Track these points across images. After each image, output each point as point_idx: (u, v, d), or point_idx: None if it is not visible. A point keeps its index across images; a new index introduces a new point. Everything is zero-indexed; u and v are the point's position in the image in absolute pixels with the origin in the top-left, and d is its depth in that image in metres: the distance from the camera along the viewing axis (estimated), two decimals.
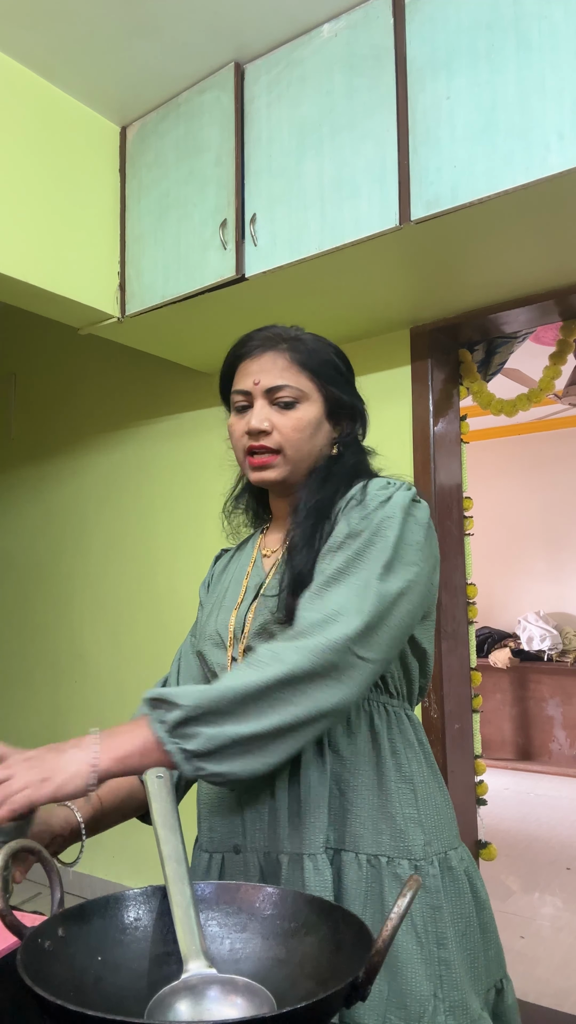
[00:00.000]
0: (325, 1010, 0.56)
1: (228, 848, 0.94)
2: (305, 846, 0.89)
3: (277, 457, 0.98)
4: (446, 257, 1.92)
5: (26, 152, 2.08)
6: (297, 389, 0.98)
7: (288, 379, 0.98)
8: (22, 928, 0.64)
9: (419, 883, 0.61)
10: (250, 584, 1.04)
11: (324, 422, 1.01)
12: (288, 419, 0.97)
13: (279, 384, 0.98)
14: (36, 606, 3.39)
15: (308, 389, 0.99)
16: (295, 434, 0.97)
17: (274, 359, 0.99)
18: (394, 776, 0.92)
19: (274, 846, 0.91)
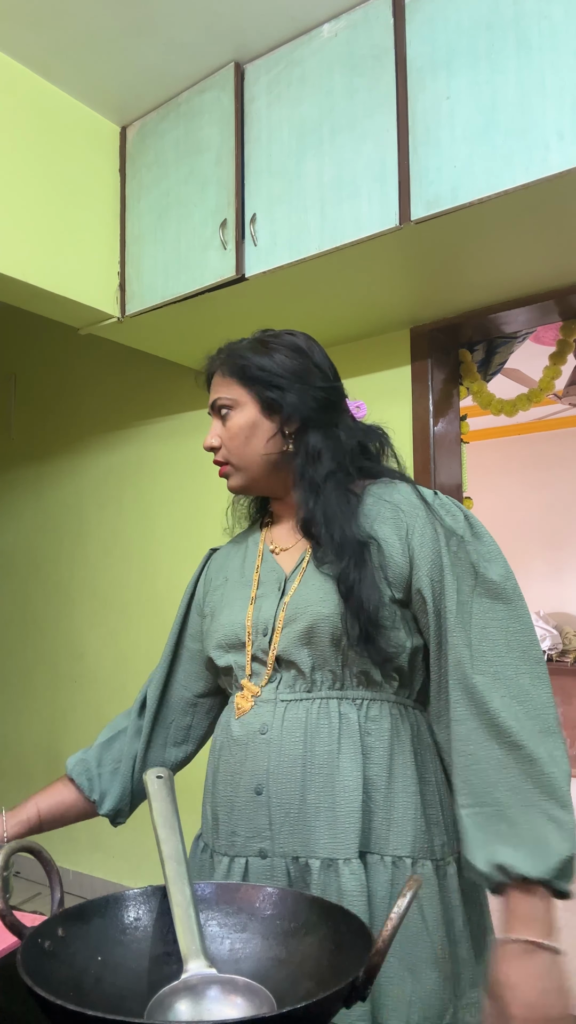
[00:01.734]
0: (325, 1010, 0.56)
1: (253, 852, 0.92)
2: (339, 851, 0.87)
3: (228, 467, 1.03)
4: (446, 257, 1.92)
5: (26, 152, 2.08)
6: (229, 399, 1.02)
7: (223, 392, 1.03)
8: (22, 928, 0.64)
9: (419, 883, 0.61)
10: (265, 578, 1.02)
11: (263, 422, 1.01)
12: (225, 430, 1.02)
13: (215, 399, 1.03)
14: (36, 606, 3.40)
15: (238, 395, 1.02)
16: (230, 442, 1.02)
17: (217, 378, 1.05)
18: (416, 778, 0.92)
19: (305, 850, 0.89)
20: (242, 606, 1.01)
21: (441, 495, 0.99)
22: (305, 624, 0.93)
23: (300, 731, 0.91)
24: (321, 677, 0.93)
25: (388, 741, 0.92)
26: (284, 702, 0.94)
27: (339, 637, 0.91)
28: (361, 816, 0.88)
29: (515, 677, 0.86)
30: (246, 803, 0.93)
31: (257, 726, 0.94)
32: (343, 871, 0.86)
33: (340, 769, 0.90)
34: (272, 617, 0.97)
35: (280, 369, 1.02)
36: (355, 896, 0.85)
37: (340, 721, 0.91)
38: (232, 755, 0.96)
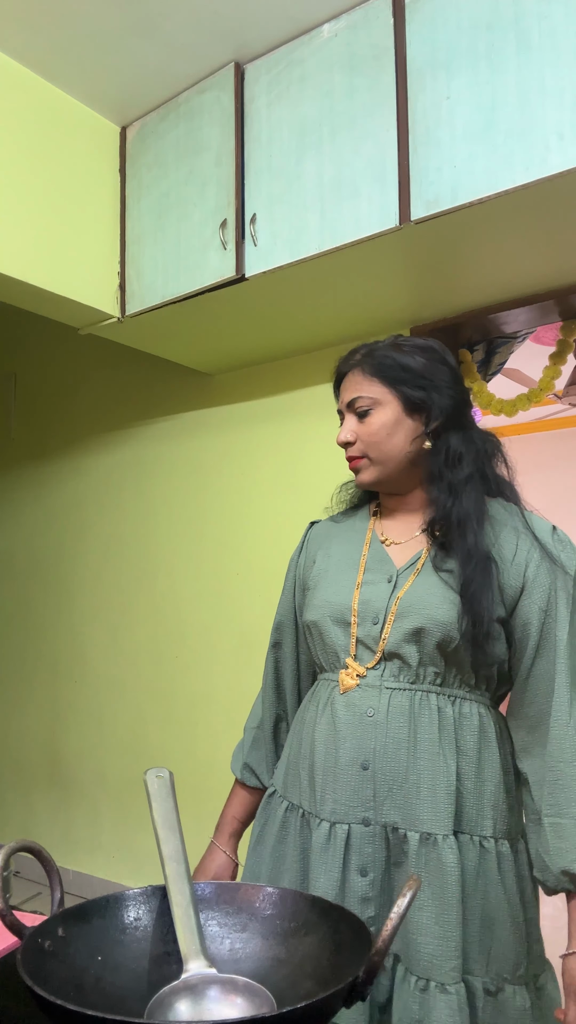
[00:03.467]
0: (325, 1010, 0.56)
1: (356, 820, 1.01)
2: (438, 826, 0.97)
3: (363, 460, 1.09)
4: (446, 257, 1.92)
5: (26, 152, 2.08)
6: (369, 398, 1.07)
7: (362, 391, 1.08)
8: (22, 928, 0.64)
9: (419, 883, 0.62)
10: (372, 566, 1.09)
11: (404, 420, 1.07)
12: (365, 426, 1.08)
13: (354, 397, 1.08)
14: (36, 606, 3.40)
15: (380, 395, 1.07)
16: (371, 438, 1.07)
17: (353, 375, 1.10)
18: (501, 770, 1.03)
19: (405, 823, 0.99)
20: (349, 588, 1.08)
21: (560, 531, 1.06)
22: (417, 624, 1.00)
23: (405, 717, 1.00)
24: (424, 672, 1.02)
25: (477, 736, 1.02)
26: (389, 689, 1.02)
27: (448, 641, 0.99)
28: (455, 798, 0.98)
29: None
30: (352, 776, 1.02)
31: (364, 708, 1.02)
32: (442, 845, 0.96)
33: (440, 755, 0.99)
34: (384, 608, 1.04)
35: (424, 370, 1.08)
36: (453, 868, 0.95)
37: (439, 714, 1.01)
38: (335, 730, 1.04)
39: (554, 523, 1.11)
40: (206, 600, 2.79)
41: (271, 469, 2.69)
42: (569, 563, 1.02)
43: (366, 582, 1.07)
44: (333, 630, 1.07)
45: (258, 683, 1.30)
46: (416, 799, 0.98)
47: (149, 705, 2.96)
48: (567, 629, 0.98)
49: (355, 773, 1.01)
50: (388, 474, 1.09)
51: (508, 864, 1.00)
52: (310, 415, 2.63)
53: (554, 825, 0.95)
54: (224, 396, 2.84)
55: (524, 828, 1.04)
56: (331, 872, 1.00)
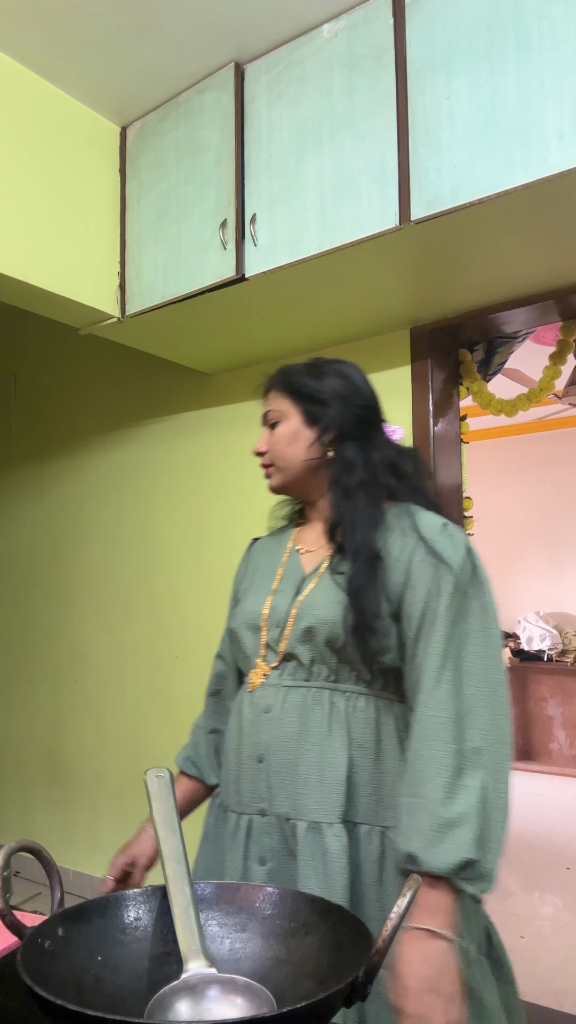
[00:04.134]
0: (325, 1010, 0.56)
1: (255, 811, 1.07)
2: (324, 816, 1.01)
3: (271, 468, 1.20)
4: (446, 257, 1.92)
5: (26, 152, 2.08)
6: (278, 411, 1.19)
7: (272, 405, 1.19)
8: (22, 928, 0.64)
9: (419, 883, 0.62)
10: (286, 574, 1.17)
11: (303, 431, 1.16)
12: (272, 436, 1.19)
13: (266, 411, 1.20)
14: (36, 606, 3.39)
15: (286, 409, 1.18)
16: (275, 447, 1.18)
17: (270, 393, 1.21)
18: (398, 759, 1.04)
19: (295, 813, 1.04)
20: (263, 597, 1.16)
21: (451, 526, 1.09)
22: (306, 624, 1.07)
23: (297, 713, 1.07)
24: (318, 670, 1.07)
25: (373, 729, 1.05)
26: (286, 687, 1.09)
27: (335, 638, 1.05)
28: (346, 789, 1.02)
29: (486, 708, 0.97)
30: (250, 769, 1.09)
31: (263, 706, 1.09)
32: (327, 834, 1.01)
33: (329, 748, 1.04)
34: (286, 613, 1.11)
35: (324, 387, 1.17)
36: (338, 856, 0.99)
37: (330, 708, 1.06)
38: (241, 728, 1.12)
39: (553, 523, 1.12)
40: (206, 600, 2.79)
41: None
42: (454, 557, 1.03)
43: (278, 590, 1.15)
44: (247, 636, 1.15)
45: None
46: (305, 790, 1.03)
47: (149, 705, 2.96)
48: (446, 621, 1.00)
49: (253, 766, 1.08)
50: (291, 480, 1.18)
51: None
52: None
53: (407, 804, 0.94)
54: (224, 396, 2.84)
55: None
56: (235, 861, 1.07)
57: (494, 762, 0.95)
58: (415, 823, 0.92)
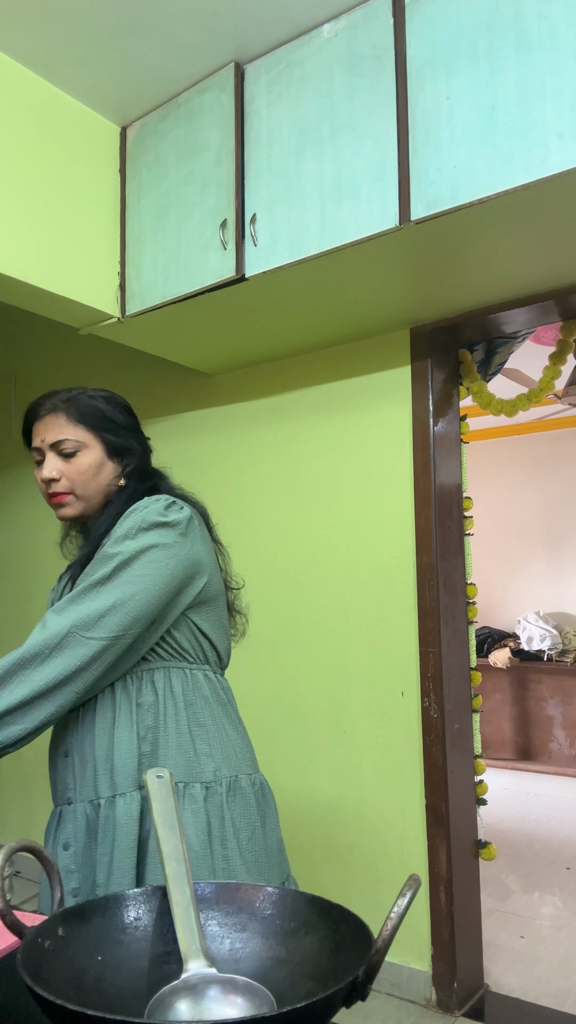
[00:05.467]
0: (325, 1010, 0.56)
1: (64, 801, 1.17)
2: (119, 789, 1.13)
3: (69, 496, 1.23)
4: (446, 257, 1.92)
5: (26, 152, 2.08)
6: (76, 441, 1.22)
7: (67, 433, 1.22)
8: (22, 928, 0.64)
9: (419, 883, 0.62)
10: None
11: (107, 462, 1.24)
12: (72, 466, 1.22)
13: (60, 439, 1.22)
14: (36, 606, 3.39)
15: (85, 439, 1.23)
16: (79, 477, 1.22)
17: (55, 419, 1.23)
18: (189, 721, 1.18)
19: (95, 794, 1.14)
20: None
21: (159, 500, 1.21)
22: None
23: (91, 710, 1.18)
24: None
25: (159, 700, 1.17)
26: None
27: None
28: (138, 757, 1.14)
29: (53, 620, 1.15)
30: (60, 764, 1.19)
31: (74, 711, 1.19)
32: (118, 803, 1.12)
33: (116, 731, 1.15)
34: None
35: (120, 420, 1.28)
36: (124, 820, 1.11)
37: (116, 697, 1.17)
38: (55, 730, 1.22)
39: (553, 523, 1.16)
40: None
41: (271, 469, 2.69)
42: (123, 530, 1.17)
43: None
44: None
45: (258, 682, 1.32)
46: (102, 772, 1.14)
47: None
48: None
49: (61, 761, 1.19)
50: (91, 509, 1.25)
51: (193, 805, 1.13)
52: (310, 415, 2.63)
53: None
54: (224, 396, 2.84)
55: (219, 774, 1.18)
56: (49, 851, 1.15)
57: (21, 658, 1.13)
58: None
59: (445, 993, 2.23)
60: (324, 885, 2.44)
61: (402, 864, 2.31)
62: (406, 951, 2.30)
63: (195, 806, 1.13)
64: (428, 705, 2.28)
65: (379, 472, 2.46)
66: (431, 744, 2.27)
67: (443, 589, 2.33)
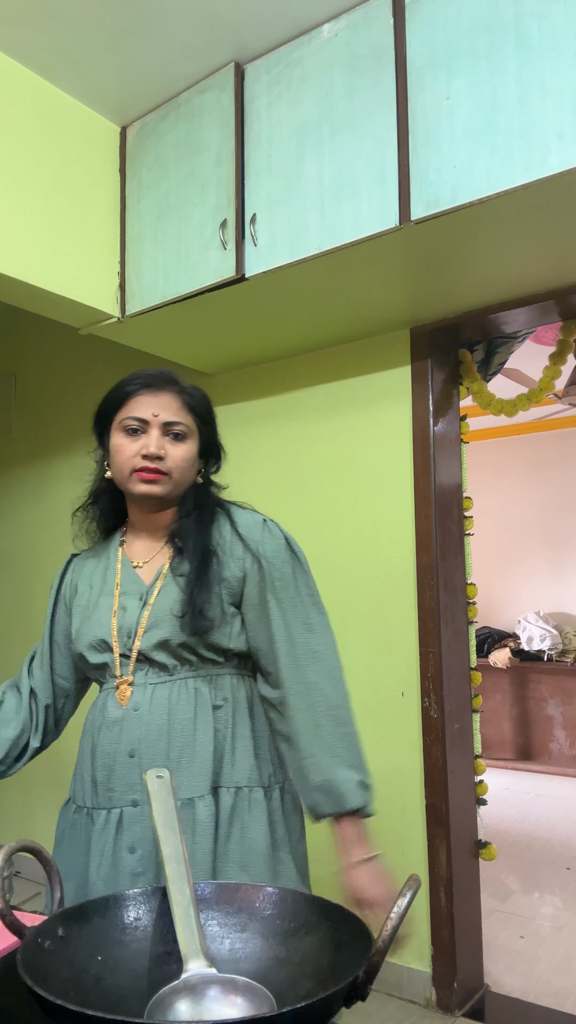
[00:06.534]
0: (325, 1010, 0.56)
1: (127, 803, 1.15)
2: (195, 790, 1.13)
3: (164, 476, 1.21)
4: (446, 257, 1.92)
5: (26, 152, 2.08)
6: (187, 426, 1.23)
7: (181, 418, 1.22)
8: (22, 928, 0.64)
9: (419, 883, 0.62)
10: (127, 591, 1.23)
11: (196, 457, 1.25)
12: (179, 449, 1.22)
13: (176, 420, 1.22)
14: (36, 606, 3.39)
15: (192, 428, 1.24)
16: (183, 462, 1.22)
17: (173, 399, 1.22)
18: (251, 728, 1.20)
19: None
20: (107, 614, 1.22)
21: (269, 521, 1.25)
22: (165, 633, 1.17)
23: (164, 707, 1.16)
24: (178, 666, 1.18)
25: (232, 703, 1.20)
26: (152, 685, 1.18)
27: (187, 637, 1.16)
28: (212, 763, 1.15)
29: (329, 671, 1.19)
30: (121, 765, 1.16)
31: (132, 706, 1.18)
32: (198, 805, 1.12)
33: (197, 731, 1.15)
34: (135, 623, 1.19)
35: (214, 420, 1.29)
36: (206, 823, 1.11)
37: (196, 695, 1.17)
38: (111, 731, 1.18)
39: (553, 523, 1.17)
40: None
41: (270, 469, 2.69)
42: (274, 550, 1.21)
43: (121, 606, 1.22)
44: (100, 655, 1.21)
45: None
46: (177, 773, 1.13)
47: None
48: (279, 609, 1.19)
49: (124, 761, 1.16)
50: (174, 496, 1.24)
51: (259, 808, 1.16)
52: (310, 415, 2.63)
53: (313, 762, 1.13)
54: (224, 396, 2.84)
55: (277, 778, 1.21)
56: (104, 853, 1.13)
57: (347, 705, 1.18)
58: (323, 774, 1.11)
59: (445, 993, 2.23)
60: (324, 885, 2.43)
61: (402, 864, 2.31)
62: (406, 951, 2.29)
63: (259, 810, 1.16)
64: (428, 705, 2.28)
65: (379, 472, 2.46)
66: (431, 744, 2.27)
67: (443, 589, 2.33)
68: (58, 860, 1.21)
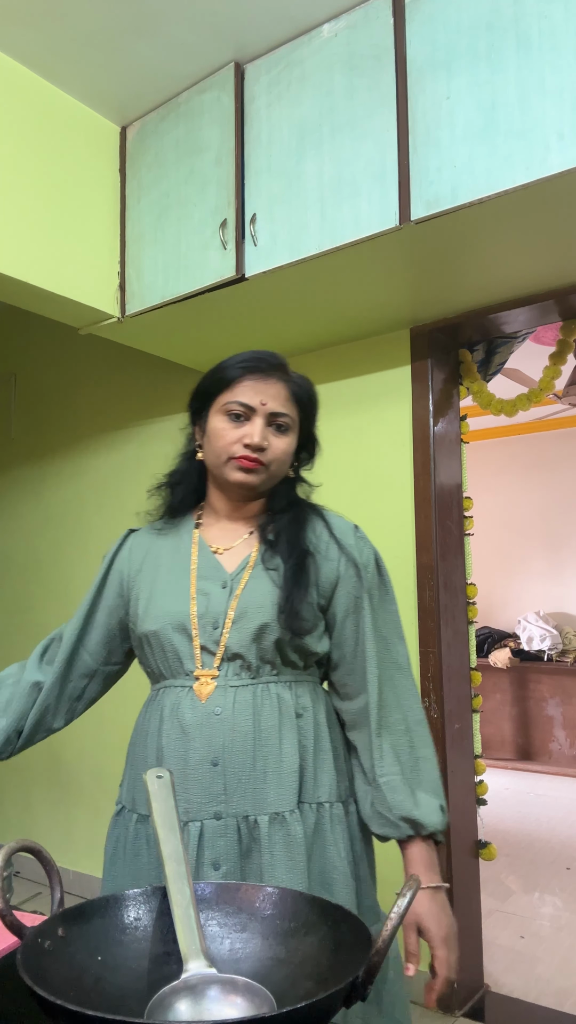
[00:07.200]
0: (325, 1010, 0.56)
1: (208, 816, 1.06)
2: (284, 804, 1.07)
3: (262, 467, 1.14)
4: (446, 257, 1.92)
5: (26, 152, 2.08)
6: (291, 419, 1.16)
7: (288, 409, 1.15)
8: (22, 928, 0.64)
9: (419, 883, 0.62)
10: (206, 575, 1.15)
11: (292, 451, 1.19)
12: (281, 442, 1.15)
13: (283, 412, 1.15)
14: (36, 606, 3.39)
15: (295, 420, 1.17)
16: (283, 456, 1.16)
17: (282, 389, 1.16)
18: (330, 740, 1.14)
19: (255, 809, 1.06)
20: (183, 597, 1.13)
21: (359, 530, 1.21)
22: (257, 624, 1.09)
23: (249, 711, 1.08)
24: (264, 667, 1.11)
25: (312, 713, 1.13)
26: (233, 688, 1.10)
27: (282, 634, 1.10)
28: (299, 774, 1.08)
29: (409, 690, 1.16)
30: (202, 774, 1.07)
31: (211, 708, 1.09)
32: (290, 820, 1.06)
33: (283, 740, 1.08)
34: (222, 613, 1.11)
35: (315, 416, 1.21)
36: (301, 839, 1.05)
37: (279, 701, 1.10)
38: (183, 733, 1.09)
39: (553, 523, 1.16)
40: None
41: None
42: (366, 561, 1.16)
43: (201, 591, 1.13)
44: (175, 638, 1.12)
45: None
46: (263, 784, 1.06)
47: None
48: (370, 618, 1.14)
49: (206, 771, 1.07)
50: (266, 486, 1.18)
51: (340, 824, 1.11)
52: None
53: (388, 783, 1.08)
54: None
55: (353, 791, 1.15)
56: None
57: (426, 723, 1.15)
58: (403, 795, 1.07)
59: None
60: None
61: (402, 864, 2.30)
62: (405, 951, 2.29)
63: (340, 826, 1.11)
64: (428, 705, 2.28)
65: (379, 472, 2.46)
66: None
67: (443, 589, 2.33)
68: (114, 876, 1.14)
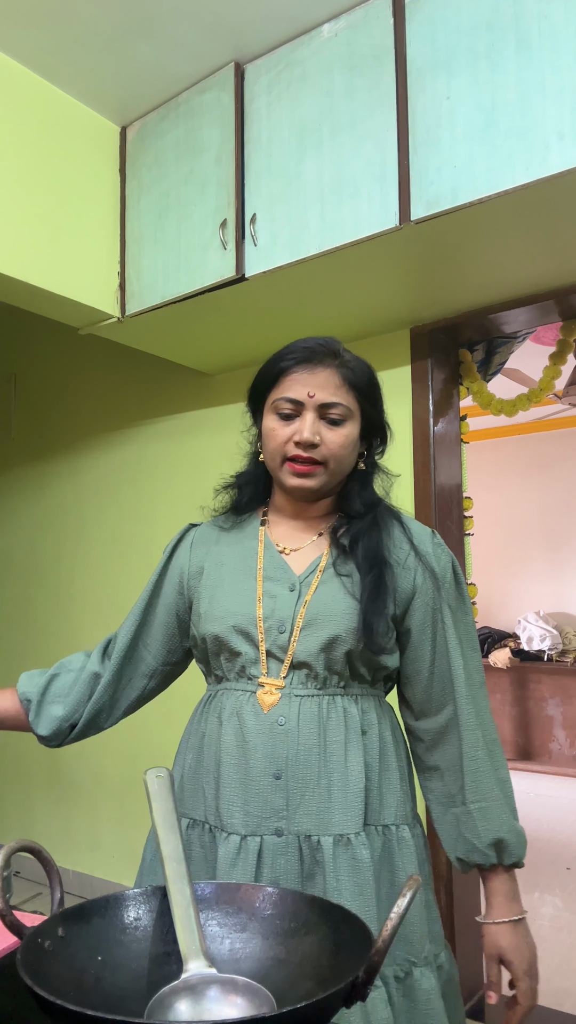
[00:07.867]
0: (325, 1010, 0.56)
1: (269, 831, 0.99)
2: (350, 826, 0.99)
3: (319, 467, 1.05)
4: (446, 257, 1.92)
5: (26, 152, 2.08)
6: (347, 408, 1.05)
7: (340, 397, 1.05)
8: (22, 928, 0.64)
9: (419, 883, 0.62)
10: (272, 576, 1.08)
11: (358, 440, 1.09)
12: (336, 435, 1.05)
13: (333, 402, 1.04)
14: (36, 606, 3.39)
15: (353, 408, 1.06)
16: (341, 450, 1.05)
17: (332, 376, 1.05)
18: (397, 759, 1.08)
19: (318, 829, 0.99)
20: (250, 598, 1.06)
21: (438, 536, 1.13)
22: (329, 633, 1.02)
23: (315, 724, 1.01)
24: (331, 678, 1.04)
25: (377, 731, 1.06)
26: (299, 697, 1.02)
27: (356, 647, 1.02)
28: (364, 792, 1.01)
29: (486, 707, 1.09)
30: (264, 787, 1.00)
31: (274, 717, 1.02)
32: (356, 843, 0.99)
33: (348, 757, 1.01)
34: (290, 618, 1.04)
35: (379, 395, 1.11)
36: (368, 864, 0.98)
37: (345, 715, 1.03)
38: (243, 740, 1.02)
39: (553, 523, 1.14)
40: None
41: None
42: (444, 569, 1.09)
43: (267, 592, 1.06)
44: (237, 641, 1.05)
45: None
46: (328, 803, 1.00)
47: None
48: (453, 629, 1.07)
49: (267, 783, 1.00)
50: (330, 488, 1.09)
51: (408, 848, 1.04)
52: None
53: (480, 809, 1.03)
54: (224, 396, 2.84)
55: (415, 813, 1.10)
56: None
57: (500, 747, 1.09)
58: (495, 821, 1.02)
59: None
60: None
61: None
62: None
63: (408, 850, 1.04)
64: None
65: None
66: None
67: None
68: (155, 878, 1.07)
